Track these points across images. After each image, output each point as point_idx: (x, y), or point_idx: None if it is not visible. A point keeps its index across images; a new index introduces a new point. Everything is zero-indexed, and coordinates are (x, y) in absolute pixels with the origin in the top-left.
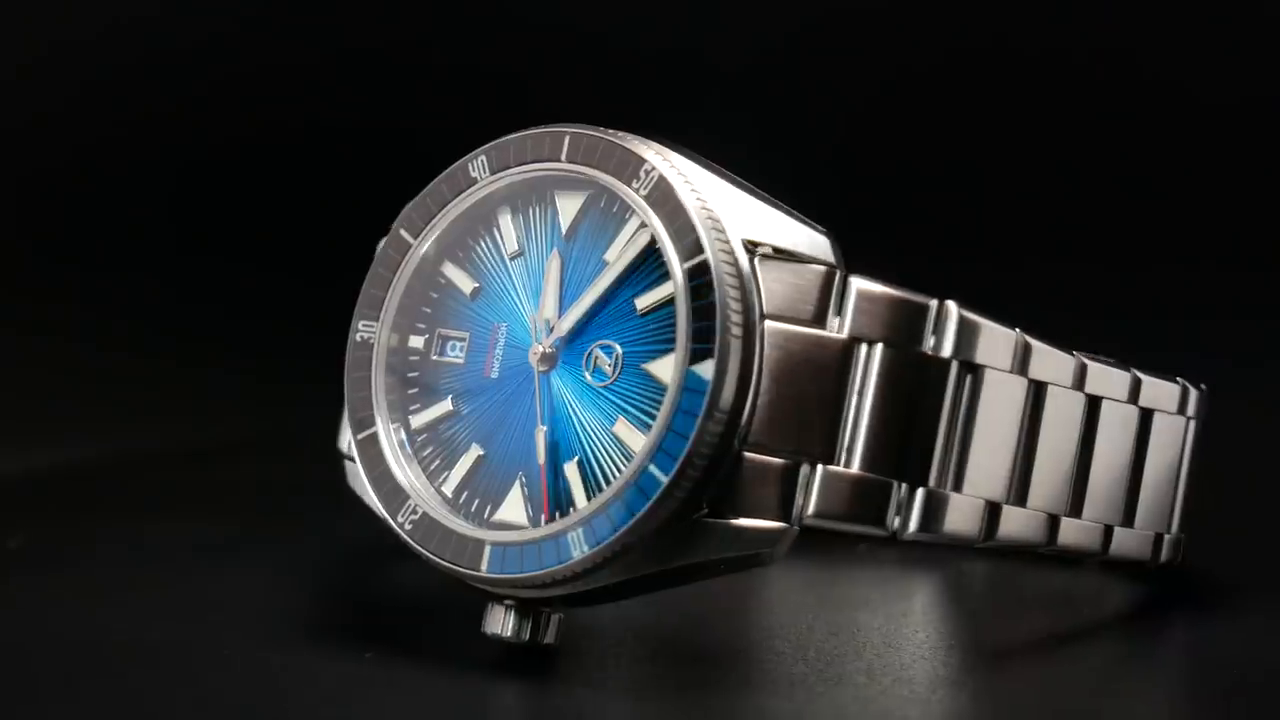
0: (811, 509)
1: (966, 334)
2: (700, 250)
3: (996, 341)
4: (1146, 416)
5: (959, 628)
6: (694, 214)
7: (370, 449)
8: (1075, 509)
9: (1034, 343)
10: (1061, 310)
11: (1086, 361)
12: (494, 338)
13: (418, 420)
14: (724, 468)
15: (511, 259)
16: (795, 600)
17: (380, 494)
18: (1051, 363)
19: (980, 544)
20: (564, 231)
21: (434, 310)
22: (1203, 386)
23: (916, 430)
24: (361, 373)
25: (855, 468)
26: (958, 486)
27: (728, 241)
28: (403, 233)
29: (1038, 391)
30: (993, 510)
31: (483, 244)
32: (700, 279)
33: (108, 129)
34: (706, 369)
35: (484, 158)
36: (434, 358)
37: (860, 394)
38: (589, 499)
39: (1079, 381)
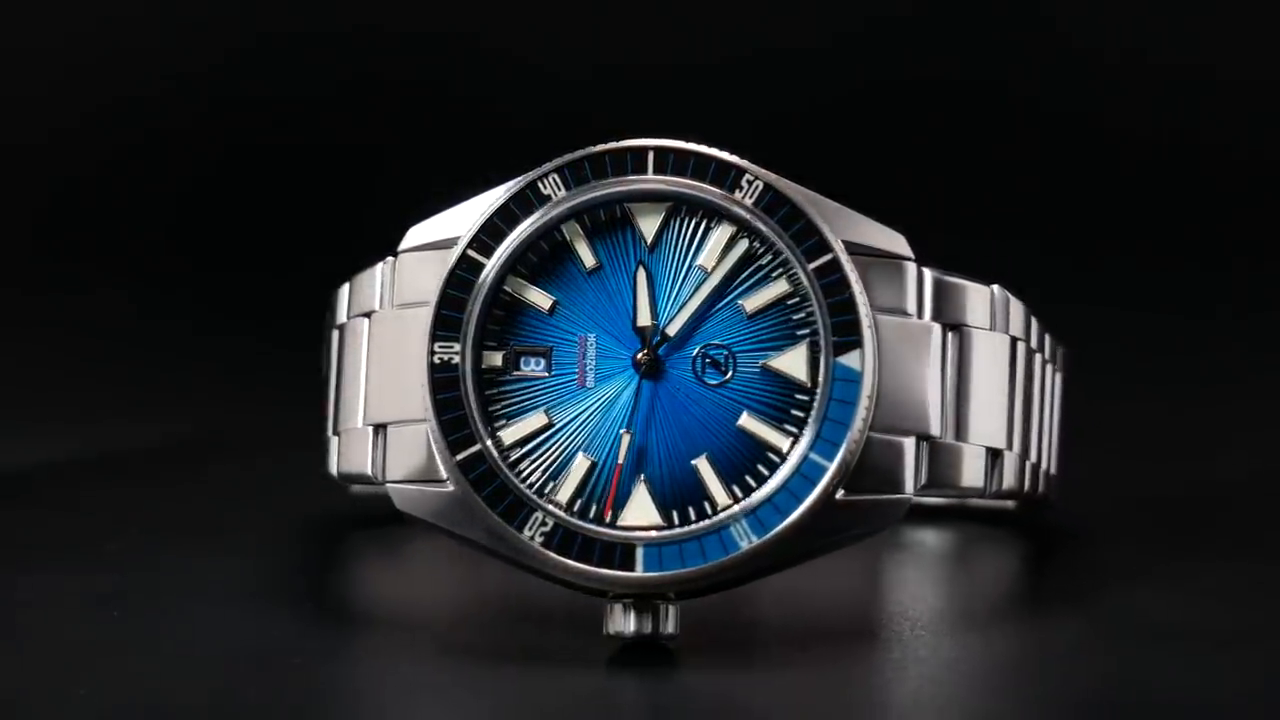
0: (925, 479)
1: (1012, 313)
2: (827, 249)
3: (1019, 315)
4: (1050, 368)
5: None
6: (815, 217)
7: (474, 468)
8: (1031, 454)
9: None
10: None
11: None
12: (582, 349)
13: (509, 436)
14: (860, 450)
15: (590, 274)
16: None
17: (499, 510)
18: (1035, 328)
19: (1020, 494)
20: (648, 244)
21: (510, 328)
22: None
23: (992, 398)
24: (450, 394)
25: (951, 438)
26: (1010, 445)
27: (839, 239)
28: (472, 253)
29: (1029, 355)
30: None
31: (558, 260)
32: (832, 276)
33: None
34: (854, 359)
35: (555, 175)
36: (514, 374)
37: (943, 371)
38: (730, 492)
39: (1041, 342)
